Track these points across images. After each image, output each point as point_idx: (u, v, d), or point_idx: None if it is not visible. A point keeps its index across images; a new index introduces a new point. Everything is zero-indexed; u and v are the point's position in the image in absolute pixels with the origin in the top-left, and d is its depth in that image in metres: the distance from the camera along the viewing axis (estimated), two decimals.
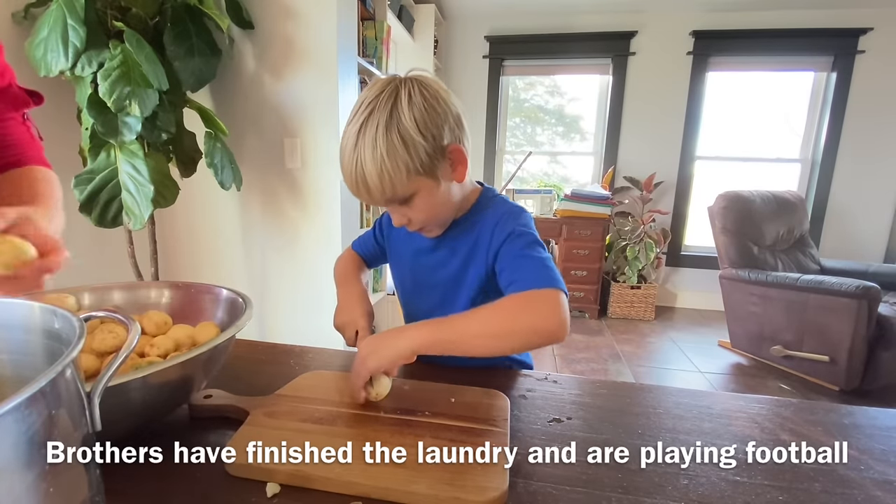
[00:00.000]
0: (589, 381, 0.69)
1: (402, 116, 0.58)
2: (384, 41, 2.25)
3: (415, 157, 0.59)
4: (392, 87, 0.60)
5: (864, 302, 2.08)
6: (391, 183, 0.59)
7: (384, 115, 0.58)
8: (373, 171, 0.58)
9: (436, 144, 0.60)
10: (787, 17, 3.16)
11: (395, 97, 0.59)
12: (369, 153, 0.58)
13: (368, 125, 0.58)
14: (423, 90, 0.60)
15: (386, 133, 0.57)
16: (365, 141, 0.58)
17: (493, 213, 0.70)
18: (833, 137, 3.26)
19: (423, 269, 0.78)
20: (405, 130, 0.58)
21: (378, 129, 0.58)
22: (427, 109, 0.59)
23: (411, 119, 0.58)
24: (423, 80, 0.61)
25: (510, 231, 0.66)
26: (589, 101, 3.68)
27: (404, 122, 0.58)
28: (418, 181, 0.61)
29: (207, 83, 1.44)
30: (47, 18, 1.14)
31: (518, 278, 0.61)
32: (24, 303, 0.37)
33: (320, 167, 1.67)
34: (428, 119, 0.59)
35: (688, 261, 3.61)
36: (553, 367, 2.49)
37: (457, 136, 0.63)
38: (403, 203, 0.63)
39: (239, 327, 0.53)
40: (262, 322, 1.83)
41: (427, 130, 0.59)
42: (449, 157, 0.63)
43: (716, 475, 0.47)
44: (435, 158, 0.60)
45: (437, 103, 0.60)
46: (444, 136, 0.61)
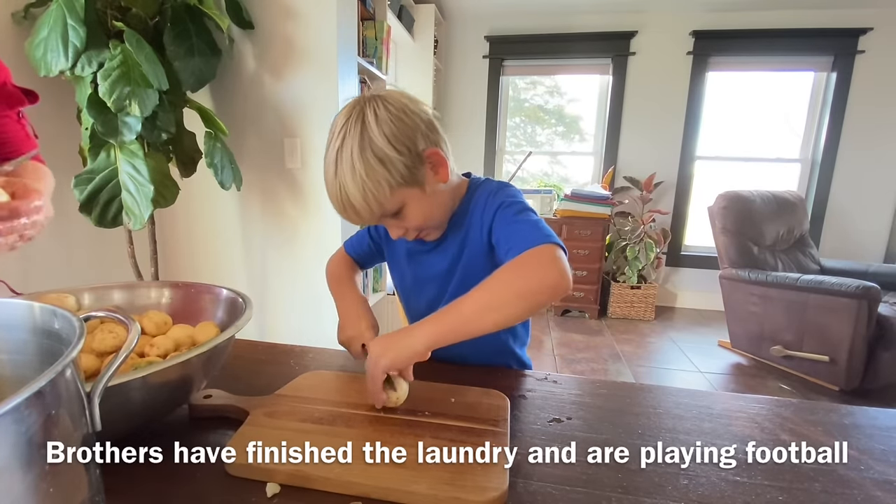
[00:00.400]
0: (589, 381, 0.69)
1: (373, 136, 0.59)
2: (384, 41, 2.25)
3: (393, 172, 0.60)
4: (357, 110, 0.61)
5: (864, 302, 2.08)
6: (376, 201, 0.60)
7: (356, 139, 0.59)
8: (356, 194, 0.60)
9: (411, 154, 0.61)
10: (787, 17, 3.16)
11: (362, 119, 0.60)
12: (349, 177, 0.59)
13: (343, 151, 0.60)
14: (387, 106, 0.61)
15: (361, 155, 0.59)
16: (343, 167, 0.60)
17: (481, 195, 0.71)
18: (833, 137, 3.25)
19: (422, 265, 0.78)
20: (378, 149, 0.59)
21: (353, 152, 0.59)
22: (395, 122, 0.60)
23: (381, 136, 0.59)
24: (385, 96, 0.62)
25: (498, 204, 0.67)
26: (589, 101, 3.68)
27: (376, 141, 0.59)
28: (402, 193, 0.62)
29: (207, 83, 1.44)
30: (47, 18, 1.14)
31: (513, 244, 0.61)
32: (24, 303, 0.37)
33: (320, 167, 1.65)
34: (398, 132, 0.60)
35: (688, 261, 3.60)
36: (553, 367, 2.49)
37: (432, 141, 0.64)
38: (395, 216, 0.65)
39: (239, 327, 0.53)
40: (262, 322, 1.83)
41: (399, 143, 0.60)
42: (428, 162, 0.64)
43: (716, 475, 0.47)
44: (414, 168, 0.62)
45: (404, 115, 0.61)
46: (417, 144, 0.62)
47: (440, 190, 0.67)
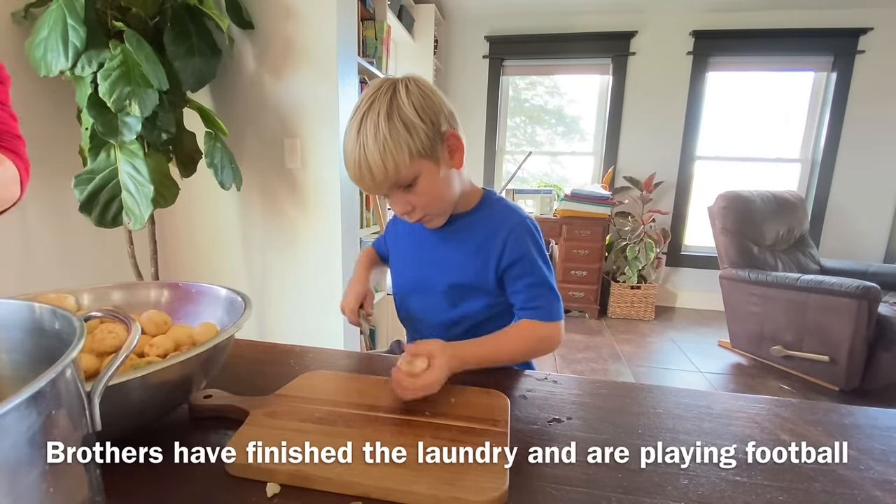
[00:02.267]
0: (589, 381, 0.69)
1: (402, 103, 0.63)
2: (384, 41, 2.25)
3: (416, 139, 0.63)
4: (389, 83, 0.65)
5: (864, 302, 2.08)
6: (394, 164, 0.62)
7: (384, 104, 0.62)
8: (376, 154, 0.62)
9: (434, 129, 0.64)
10: (787, 17, 3.16)
11: (393, 90, 0.64)
12: (371, 137, 0.62)
13: (370, 114, 0.63)
14: (418, 85, 0.65)
15: (388, 118, 0.62)
16: (367, 128, 0.62)
17: (501, 218, 0.73)
18: (833, 137, 3.25)
19: (424, 267, 0.79)
20: (405, 115, 0.62)
21: (380, 115, 0.62)
22: (424, 98, 0.64)
23: (410, 105, 0.63)
24: (417, 77, 0.67)
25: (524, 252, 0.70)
26: (589, 101, 3.68)
27: (404, 108, 0.62)
28: (420, 163, 0.64)
29: (207, 83, 1.44)
30: (47, 18, 1.14)
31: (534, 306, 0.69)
32: (24, 303, 0.37)
33: (320, 167, 1.67)
34: (426, 105, 0.64)
35: (688, 261, 3.60)
36: (553, 367, 2.49)
37: (453, 125, 0.68)
38: (406, 189, 0.66)
39: (238, 327, 0.53)
40: (262, 322, 1.83)
41: (426, 115, 0.64)
42: (447, 143, 0.67)
43: (716, 475, 0.47)
44: (434, 141, 0.65)
45: (432, 94, 0.66)
46: (441, 122, 0.65)
47: (452, 175, 0.69)
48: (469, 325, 0.76)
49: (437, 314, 0.78)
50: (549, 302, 0.70)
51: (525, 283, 0.70)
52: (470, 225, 0.74)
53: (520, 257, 0.70)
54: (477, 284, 0.73)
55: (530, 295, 0.70)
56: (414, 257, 0.81)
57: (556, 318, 0.70)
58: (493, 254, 0.71)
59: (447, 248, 0.76)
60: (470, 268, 0.73)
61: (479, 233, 0.73)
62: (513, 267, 0.71)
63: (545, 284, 0.70)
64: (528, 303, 0.70)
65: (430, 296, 0.78)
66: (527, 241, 0.71)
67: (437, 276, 0.77)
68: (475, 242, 0.73)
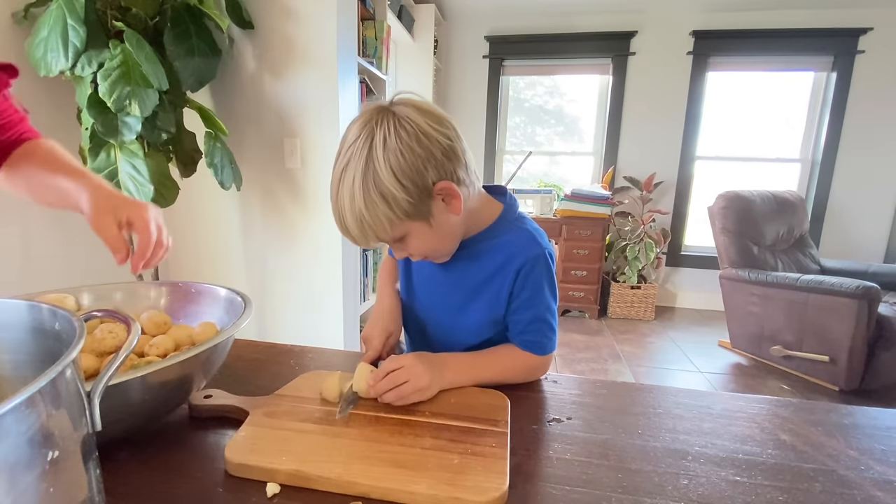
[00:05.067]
0: (589, 381, 0.69)
1: (378, 167, 0.54)
2: (384, 41, 2.25)
3: (395, 208, 0.56)
4: (368, 129, 0.56)
5: (864, 302, 2.08)
6: (374, 234, 0.58)
7: (360, 166, 0.55)
8: (353, 224, 0.57)
9: (418, 189, 0.56)
10: (787, 17, 3.16)
11: (370, 146, 0.55)
12: (347, 205, 0.56)
13: (346, 175, 0.56)
14: (399, 130, 0.55)
15: (363, 186, 0.55)
16: (343, 193, 0.56)
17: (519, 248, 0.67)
18: (833, 137, 3.25)
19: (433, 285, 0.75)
20: (381, 184, 0.54)
21: (355, 182, 0.55)
22: (404, 154, 0.55)
23: (388, 169, 0.54)
24: (402, 116, 0.56)
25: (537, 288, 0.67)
26: (589, 101, 3.68)
27: (381, 175, 0.54)
28: (404, 226, 0.59)
29: (207, 83, 1.44)
30: (47, 18, 1.14)
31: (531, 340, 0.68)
32: (24, 303, 0.37)
33: (320, 167, 1.67)
34: (405, 165, 0.55)
35: (688, 261, 3.60)
36: (553, 368, 2.49)
37: (447, 171, 0.58)
38: (398, 241, 0.62)
39: (238, 327, 0.53)
40: (262, 322, 1.83)
41: (406, 178, 0.55)
42: (439, 195, 0.59)
43: (716, 475, 0.47)
44: (420, 203, 0.57)
45: (417, 144, 0.55)
46: (427, 178, 0.56)
47: (451, 222, 0.62)
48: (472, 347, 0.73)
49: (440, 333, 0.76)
50: (546, 337, 0.68)
51: (528, 315, 0.68)
52: (484, 251, 0.69)
53: (531, 293, 0.67)
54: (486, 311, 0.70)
55: (530, 328, 0.68)
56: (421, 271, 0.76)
57: (548, 352, 0.69)
58: (506, 284, 0.68)
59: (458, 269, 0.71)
60: (480, 294, 0.70)
61: (493, 261, 0.68)
62: (520, 298, 0.68)
63: (546, 320, 0.68)
64: (525, 334, 0.68)
65: (436, 313, 0.75)
66: (542, 276, 0.67)
67: (444, 298, 0.73)
68: (488, 270, 0.69)
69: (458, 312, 0.72)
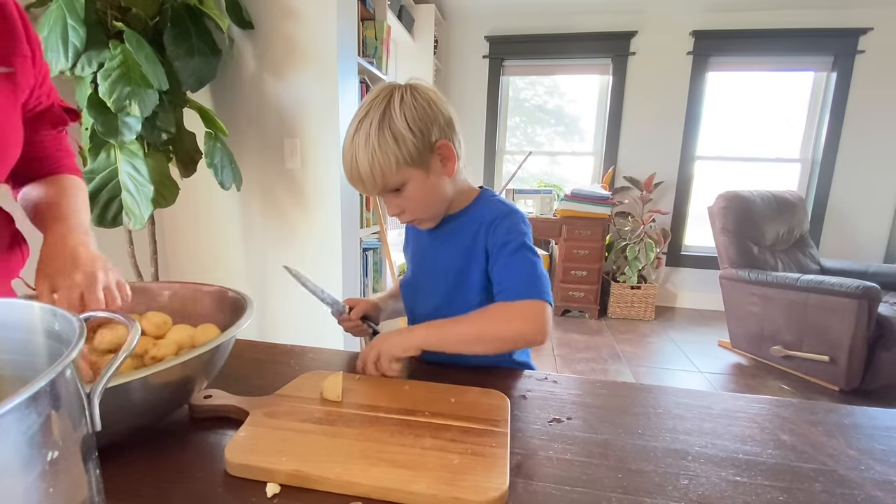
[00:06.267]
0: (589, 381, 0.69)
1: (394, 114, 0.65)
2: (384, 41, 2.25)
3: (403, 150, 0.65)
4: (387, 91, 0.67)
5: (864, 302, 2.08)
6: (381, 172, 0.65)
7: (378, 114, 0.65)
8: (365, 162, 0.65)
9: (424, 139, 0.66)
10: (787, 17, 3.16)
11: (388, 100, 0.66)
12: (362, 145, 0.65)
13: (364, 122, 0.66)
14: (415, 94, 0.67)
15: (379, 128, 0.64)
16: (360, 135, 0.65)
17: (489, 212, 0.73)
18: (833, 137, 3.25)
19: (424, 267, 0.82)
20: (395, 126, 0.64)
21: (372, 125, 0.65)
22: (417, 108, 0.66)
23: (401, 117, 0.65)
24: (416, 86, 0.68)
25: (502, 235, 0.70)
26: (589, 101, 3.68)
27: (395, 120, 0.65)
28: (407, 171, 0.67)
29: (207, 83, 1.44)
30: (47, 18, 1.14)
31: (507, 287, 0.67)
32: (24, 303, 0.37)
33: (320, 167, 1.67)
34: (417, 116, 0.65)
35: (688, 261, 3.60)
36: (553, 367, 2.49)
37: (448, 135, 0.69)
38: (396, 192, 0.69)
39: (239, 328, 0.53)
40: (262, 322, 1.83)
41: (415, 126, 0.65)
42: (438, 153, 0.68)
43: (716, 475, 0.47)
44: (423, 152, 0.67)
45: (427, 106, 0.67)
46: (432, 133, 0.67)
47: (444, 182, 0.71)
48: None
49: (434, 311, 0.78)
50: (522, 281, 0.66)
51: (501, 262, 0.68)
52: (462, 225, 0.74)
53: (503, 243, 0.69)
54: (471, 283, 0.74)
55: (504, 275, 0.68)
56: (415, 255, 0.84)
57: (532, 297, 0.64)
58: (481, 246, 0.72)
59: (442, 248, 0.77)
60: (463, 267, 0.74)
61: (469, 231, 0.73)
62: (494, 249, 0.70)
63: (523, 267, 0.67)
64: (501, 283, 0.68)
65: (428, 294, 0.79)
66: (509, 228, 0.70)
67: (433, 276, 0.78)
68: (466, 241, 0.73)
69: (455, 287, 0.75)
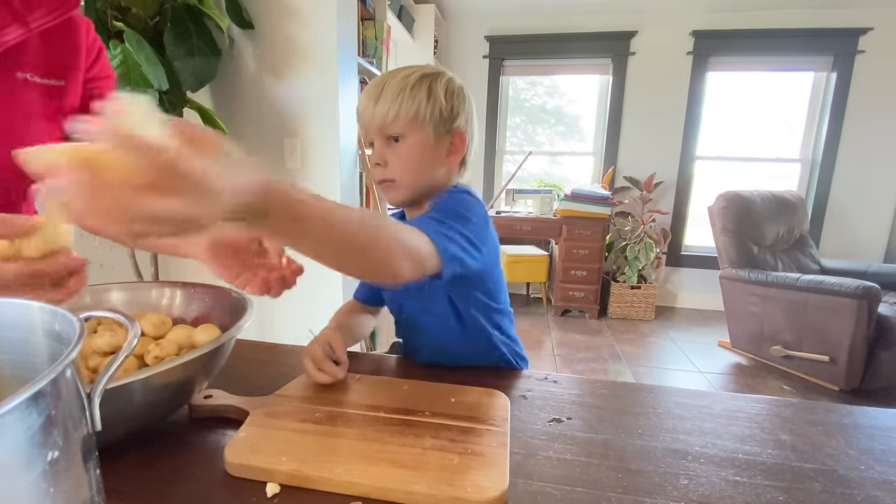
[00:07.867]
0: (589, 381, 0.69)
1: (439, 80, 0.68)
2: (384, 41, 2.25)
3: (428, 108, 0.66)
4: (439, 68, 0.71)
5: (864, 302, 2.08)
6: (398, 111, 0.66)
7: (430, 70, 0.69)
8: (389, 93, 0.66)
9: (451, 116, 0.68)
10: (787, 17, 3.16)
11: (439, 70, 0.70)
12: (400, 77, 0.67)
13: (409, 70, 0.68)
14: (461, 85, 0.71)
15: (419, 79, 0.67)
16: (400, 74, 0.67)
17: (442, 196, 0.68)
18: (833, 137, 3.26)
19: None
20: (434, 88, 0.67)
21: (415, 74, 0.67)
22: (459, 93, 0.69)
23: (443, 86, 0.67)
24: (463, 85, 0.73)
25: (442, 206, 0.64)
26: (589, 101, 3.68)
27: (437, 84, 0.67)
28: (416, 127, 0.67)
29: (207, 83, 1.44)
30: None
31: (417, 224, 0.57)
32: (25, 303, 0.37)
33: (320, 167, 1.67)
34: (457, 99, 0.68)
35: (688, 261, 3.60)
36: (553, 367, 2.49)
37: (469, 132, 0.71)
38: (391, 140, 0.68)
39: (240, 328, 0.53)
40: (262, 322, 1.83)
41: (450, 101, 0.68)
42: (452, 140, 0.69)
43: (716, 475, 0.47)
44: (441, 124, 0.68)
45: (466, 99, 0.71)
46: (458, 118, 0.69)
47: (438, 163, 0.70)
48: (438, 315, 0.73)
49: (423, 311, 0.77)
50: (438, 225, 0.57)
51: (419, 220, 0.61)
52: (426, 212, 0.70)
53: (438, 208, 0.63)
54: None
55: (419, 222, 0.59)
56: None
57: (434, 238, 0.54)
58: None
59: None
60: None
61: None
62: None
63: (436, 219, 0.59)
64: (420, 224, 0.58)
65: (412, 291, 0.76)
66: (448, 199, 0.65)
67: None
68: None
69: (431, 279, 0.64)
